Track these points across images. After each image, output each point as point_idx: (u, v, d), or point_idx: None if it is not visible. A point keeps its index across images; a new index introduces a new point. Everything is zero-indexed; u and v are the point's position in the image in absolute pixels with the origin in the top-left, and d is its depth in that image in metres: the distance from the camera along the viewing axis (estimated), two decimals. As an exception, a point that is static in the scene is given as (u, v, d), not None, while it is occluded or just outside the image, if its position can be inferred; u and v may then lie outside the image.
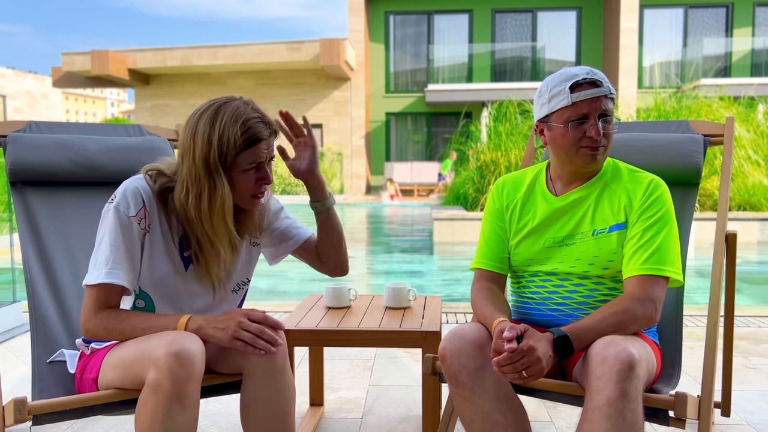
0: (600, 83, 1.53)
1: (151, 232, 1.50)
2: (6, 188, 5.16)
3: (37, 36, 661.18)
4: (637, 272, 1.50)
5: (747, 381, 2.69)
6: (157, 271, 1.52)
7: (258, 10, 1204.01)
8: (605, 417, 1.28)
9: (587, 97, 1.52)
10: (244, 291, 1.71)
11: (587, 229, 1.59)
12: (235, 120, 1.45)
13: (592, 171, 1.62)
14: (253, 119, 1.47)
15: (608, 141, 1.56)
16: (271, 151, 1.52)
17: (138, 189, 1.49)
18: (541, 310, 1.63)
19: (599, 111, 1.53)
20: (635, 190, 1.58)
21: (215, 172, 1.45)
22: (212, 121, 1.45)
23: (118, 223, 1.46)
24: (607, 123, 1.55)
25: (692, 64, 18.45)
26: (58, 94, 36.21)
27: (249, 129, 1.46)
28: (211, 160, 1.44)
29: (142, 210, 1.48)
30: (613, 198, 1.60)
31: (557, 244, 1.61)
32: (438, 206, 10.04)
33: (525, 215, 1.67)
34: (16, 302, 3.68)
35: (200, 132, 1.45)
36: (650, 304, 1.48)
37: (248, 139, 1.46)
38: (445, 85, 19.16)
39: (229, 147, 1.44)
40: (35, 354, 1.72)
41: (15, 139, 1.96)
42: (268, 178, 1.53)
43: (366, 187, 19.49)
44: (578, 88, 1.53)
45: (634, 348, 1.33)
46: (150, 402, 1.30)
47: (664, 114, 9.52)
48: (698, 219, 7.42)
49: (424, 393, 1.98)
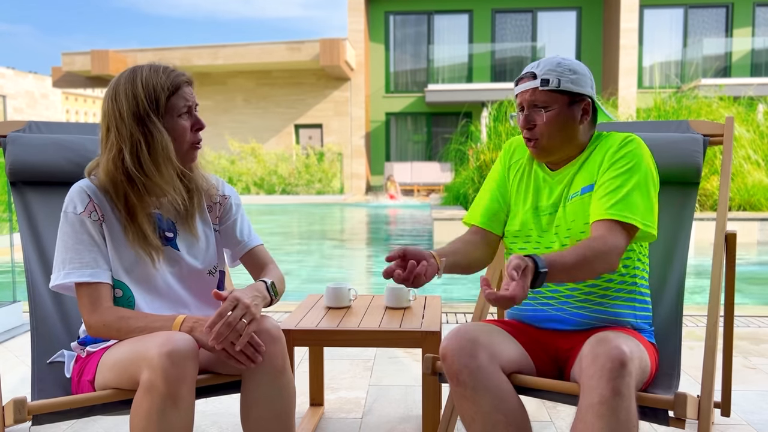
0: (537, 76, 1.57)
1: (107, 221, 1.53)
2: (6, 188, 5.16)
3: (37, 36, 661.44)
4: (600, 217, 1.51)
5: (747, 381, 2.69)
6: (125, 259, 1.54)
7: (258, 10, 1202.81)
8: (598, 415, 1.28)
9: (519, 91, 1.61)
10: (218, 276, 1.70)
11: (565, 196, 1.62)
12: (155, 71, 1.52)
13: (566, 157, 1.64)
14: (169, 68, 1.55)
15: (541, 134, 1.59)
16: (194, 97, 1.58)
17: (81, 188, 1.53)
18: (532, 305, 1.67)
19: (528, 102, 1.59)
20: (607, 148, 1.60)
21: (149, 121, 1.50)
22: (132, 78, 1.51)
23: (68, 224, 1.50)
24: (536, 114, 1.58)
25: (692, 64, 18.45)
26: (58, 94, 36.20)
27: (170, 75, 1.53)
28: (142, 112, 1.49)
29: (90, 203, 1.51)
30: (588, 163, 1.63)
31: (547, 212, 1.64)
32: (438, 206, 10.04)
33: (523, 181, 1.72)
34: (16, 302, 3.68)
35: (123, 92, 1.50)
36: (610, 243, 1.45)
37: (173, 82, 1.52)
38: (445, 85, 19.16)
39: (158, 93, 1.50)
40: (35, 354, 1.72)
41: (15, 139, 1.97)
42: (201, 123, 1.57)
43: (366, 187, 19.49)
44: (520, 81, 1.62)
45: (626, 345, 1.33)
46: (144, 402, 1.30)
47: (664, 114, 9.53)
48: (698, 219, 7.42)
49: (424, 393, 1.98)
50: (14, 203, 1.96)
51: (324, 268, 7.10)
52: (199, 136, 1.59)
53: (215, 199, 1.71)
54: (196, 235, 1.64)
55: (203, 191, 1.67)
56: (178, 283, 1.61)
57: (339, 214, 13.77)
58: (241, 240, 1.73)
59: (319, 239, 9.62)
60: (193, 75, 1.60)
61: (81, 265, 1.48)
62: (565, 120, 1.58)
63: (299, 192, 17.95)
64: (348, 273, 6.88)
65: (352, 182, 19.15)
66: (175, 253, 1.60)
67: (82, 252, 1.49)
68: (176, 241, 1.61)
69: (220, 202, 1.72)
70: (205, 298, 1.66)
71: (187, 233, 1.63)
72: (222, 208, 1.72)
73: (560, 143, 1.60)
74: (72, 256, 1.49)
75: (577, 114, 1.60)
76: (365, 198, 17.69)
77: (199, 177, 1.66)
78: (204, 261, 1.65)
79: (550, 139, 1.59)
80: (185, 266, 1.62)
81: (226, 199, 1.73)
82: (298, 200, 16.61)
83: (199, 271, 1.64)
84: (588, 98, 1.60)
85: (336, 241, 9.54)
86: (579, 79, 1.58)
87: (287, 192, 17.98)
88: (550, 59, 1.59)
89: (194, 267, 1.63)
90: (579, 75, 1.59)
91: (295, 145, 19.20)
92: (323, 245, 8.94)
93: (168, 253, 1.59)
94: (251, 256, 1.73)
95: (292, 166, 18.22)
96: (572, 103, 1.59)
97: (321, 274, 6.65)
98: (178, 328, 1.44)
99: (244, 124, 19.30)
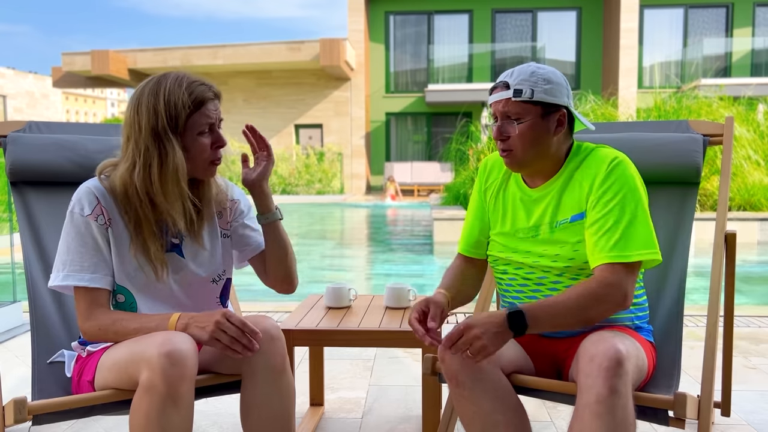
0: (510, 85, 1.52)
1: (113, 226, 1.51)
2: (6, 188, 5.16)
3: (37, 36, 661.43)
4: (602, 261, 1.46)
5: (747, 381, 2.69)
6: (128, 264, 1.53)
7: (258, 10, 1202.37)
8: (595, 414, 1.28)
9: (492, 100, 1.56)
10: (223, 282, 1.70)
11: (551, 221, 1.57)
12: (179, 84, 1.48)
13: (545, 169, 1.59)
14: (195, 83, 1.50)
15: (515, 145, 1.53)
16: (218, 113, 1.54)
17: (90, 189, 1.51)
18: None
19: (500, 113, 1.54)
20: (594, 175, 1.53)
21: (165, 139, 1.46)
22: (155, 91, 1.47)
23: (73, 225, 1.48)
24: (509, 125, 1.53)
25: (692, 64, 18.45)
26: (59, 94, 36.21)
27: (194, 91, 1.48)
28: (160, 128, 1.46)
29: (97, 207, 1.49)
30: (574, 187, 1.56)
31: (529, 234, 1.61)
32: (438, 206, 10.04)
33: (499, 203, 1.68)
34: (16, 302, 3.69)
35: (144, 104, 1.47)
36: (617, 289, 1.43)
37: (196, 99, 1.48)
38: (445, 85, 19.17)
39: (178, 110, 1.46)
40: (35, 354, 1.72)
41: (15, 139, 1.97)
42: (222, 140, 1.54)
43: (366, 187, 19.49)
44: (494, 90, 1.57)
45: (623, 344, 1.33)
46: (143, 402, 1.30)
47: (664, 114, 9.53)
48: (698, 219, 7.42)
49: (424, 393, 1.98)
50: (14, 203, 1.96)
51: (324, 268, 7.11)
52: (219, 153, 1.54)
53: (225, 204, 1.70)
54: (202, 244, 1.63)
55: (213, 200, 1.65)
56: (181, 290, 1.61)
57: (339, 214, 13.77)
58: (249, 243, 1.73)
59: (319, 239, 9.62)
60: None
61: (81, 268, 1.48)
62: (539, 132, 1.53)
63: (299, 192, 17.95)
64: (348, 273, 6.88)
65: (352, 182, 19.16)
66: (179, 260, 1.59)
67: (84, 255, 1.48)
68: (182, 248, 1.60)
69: (230, 207, 1.71)
70: (208, 305, 1.66)
71: (194, 242, 1.62)
72: (232, 213, 1.71)
73: (534, 155, 1.55)
74: (73, 258, 1.48)
75: (551, 125, 1.54)
76: (365, 198, 17.70)
77: (210, 187, 1.63)
78: (208, 269, 1.64)
79: (524, 151, 1.54)
80: (189, 273, 1.61)
81: (236, 204, 1.72)
82: (298, 200, 16.61)
83: (203, 278, 1.64)
84: (563, 108, 1.55)
85: (336, 241, 9.55)
86: (553, 89, 1.52)
87: (287, 192, 17.99)
88: (524, 68, 1.53)
89: (198, 275, 1.62)
90: (553, 85, 1.52)
91: (295, 145, 19.20)
92: (323, 245, 8.94)
93: (172, 260, 1.58)
94: (260, 258, 1.74)
95: (292, 166, 18.22)
96: (546, 114, 1.53)
97: (321, 274, 6.65)
98: (174, 327, 1.43)
99: (244, 124, 19.23)
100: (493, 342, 1.36)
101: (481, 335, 1.35)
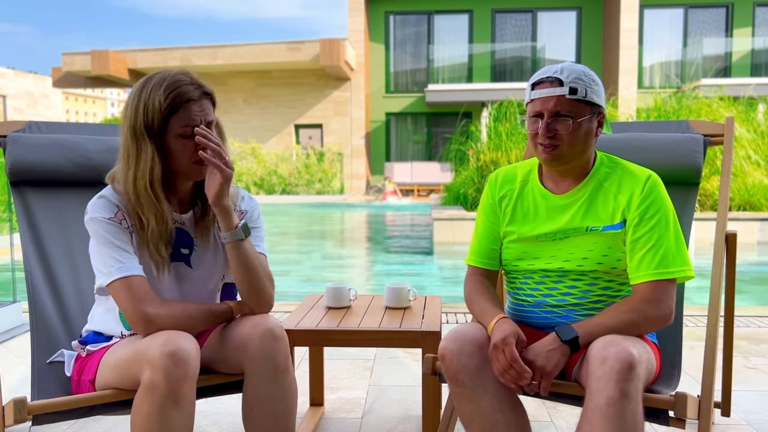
0: (564, 83, 1.51)
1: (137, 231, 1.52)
2: (6, 188, 5.16)
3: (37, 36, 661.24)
4: (646, 279, 1.49)
5: (747, 381, 2.69)
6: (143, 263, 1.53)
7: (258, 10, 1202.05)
8: (605, 417, 1.28)
9: (540, 96, 1.53)
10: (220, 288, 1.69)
11: (580, 225, 1.58)
12: (161, 85, 1.47)
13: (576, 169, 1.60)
14: (181, 82, 1.48)
15: (563, 142, 1.53)
16: (205, 114, 1.50)
17: (105, 197, 1.51)
18: (537, 312, 1.63)
19: (551, 111, 1.52)
20: (631, 191, 1.55)
21: (141, 139, 1.47)
22: (139, 91, 1.49)
23: (100, 226, 1.47)
24: (560, 123, 1.52)
25: (692, 64, 18.45)
26: (58, 94, 36.19)
27: (174, 91, 1.46)
28: (138, 129, 1.47)
29: (119, 213, 1.50)
30: (607, 197, 1.58)
31: (550, 238, 1.60)
32: (438, 206, 10.04)
33: (518, 209, 1.67)
34: (16, 302, 3.68)
35: (129, 104, 1.50)
36: (663, 305, 1.48)
37: (174, 101, 1.46)
38: (445, 85, 19.16)
39: (154, 112, 1.46)
40: (35, 354, 1.72)
41: (15, 139, 1.97)
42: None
43: (366, 187, 19.49)
44: (538, 85, 1.54)
45: (635, 348, 1.33)
46: (145, 402, 1.30)
47: (664, 114, 9.54)
48: (698, 219, 7.42)
49: (424, 393, 1.98)
50: (14, 203, 1.96)
51: (324, 268, 7.10)
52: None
53: None
54: (209, 245, 1.63)
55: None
56: (182, 298, 1.61)
57: (339, 214, 13.76)
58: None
59: (319, 239, 9.62)
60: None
61: (132, 258, 1.48)
62: (587, 131, 1.54)
63: (299, 192, 17.95)
64: (348, 273, 6.88)
65: (352, 182, 19.16)
66: (186, 269, 1.60)
67: (126, 244, 1.48)
68: (190, 258, 1.60)
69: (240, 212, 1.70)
70: None
71: (203, 247, 1.62)
72: (237, 208, 1.71)
73: (578, 153, 1.56)
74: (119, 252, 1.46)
75: (594, 126, 1.56)
76: (365, 198, 17.70)
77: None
78: (212, 277, 1.65)
79: (570, 148, 1.54)
80: (193, 281, 1.61)
81: (242, 215, 1.69)
82: (298, 200, 16.60)
83: (209, 291, 1.65)
84: (603, 111, 1.57)
85: (336, 241, 9.54)
86: (600, 90, 1.56)
87: (287, 192, 17.98)
88: (575, 66, 1.54)
89: (202, 285, 1.63)
90: (599, 86, 1.56)
91: (295, 145, 19.20)
92: (323, 245, 8.94)
93: (178, 269, 1.58)
94: None
95: (292, 166, 18.22)
96: (592, 115, 1.55)
97: (321, 274, 6.65)
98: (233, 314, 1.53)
99: (244, 124, 19.30)
100: (559, 366, 1.43)
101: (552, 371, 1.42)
